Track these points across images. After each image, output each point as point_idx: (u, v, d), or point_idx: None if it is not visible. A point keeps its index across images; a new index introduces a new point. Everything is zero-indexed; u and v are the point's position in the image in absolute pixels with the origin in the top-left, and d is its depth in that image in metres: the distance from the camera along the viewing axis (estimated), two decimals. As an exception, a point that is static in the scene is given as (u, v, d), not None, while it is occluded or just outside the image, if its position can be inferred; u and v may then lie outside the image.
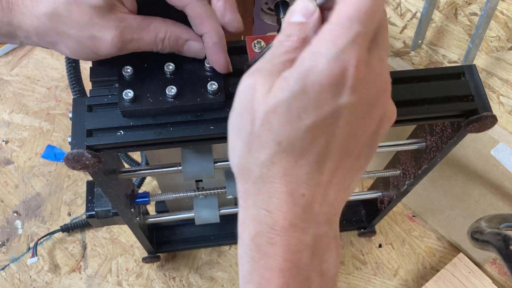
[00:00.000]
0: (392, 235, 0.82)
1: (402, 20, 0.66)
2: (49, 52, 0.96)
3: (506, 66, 0.58)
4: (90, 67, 0.42)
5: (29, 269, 0.77)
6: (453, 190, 0.72)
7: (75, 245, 0.79)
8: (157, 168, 0.52)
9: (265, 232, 0.29)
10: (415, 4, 0.62)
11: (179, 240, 0.76)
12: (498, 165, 0.62)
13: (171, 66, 0.41)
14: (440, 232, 0.81)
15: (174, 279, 0.78)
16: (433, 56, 0.66)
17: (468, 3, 0.56)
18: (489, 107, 0.43)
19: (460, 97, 0.44)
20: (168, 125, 0.40)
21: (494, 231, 0.48)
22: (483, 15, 0.53)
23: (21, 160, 0.85)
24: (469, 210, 0.72)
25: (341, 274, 0.78)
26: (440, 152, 0.51)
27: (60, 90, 0.92)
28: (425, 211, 0.81)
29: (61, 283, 0.76)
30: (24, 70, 0.94)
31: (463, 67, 0.45)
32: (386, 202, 0.68)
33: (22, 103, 0.90)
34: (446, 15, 0.60)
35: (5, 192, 0.83)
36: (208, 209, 0.64)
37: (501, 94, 0.60)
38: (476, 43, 0.56)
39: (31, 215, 0.81)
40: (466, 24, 0.58)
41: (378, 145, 0.32)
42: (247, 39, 0.42)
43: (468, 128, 0.44)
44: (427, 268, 0.79)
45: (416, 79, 0.44)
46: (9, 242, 0.79)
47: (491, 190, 0.66)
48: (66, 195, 0.83)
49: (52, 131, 0.88)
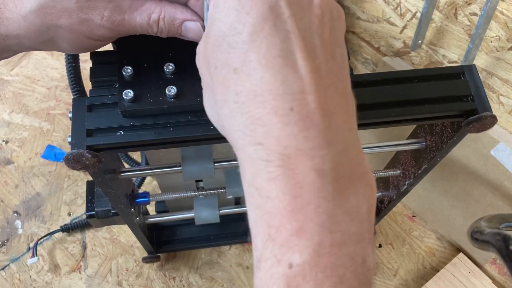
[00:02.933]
0: (392, 235, 0.82)
1: (402, 20, 0.66)
2: (49, 52, 0.96)
3: (506, 66, 0.58)
4: (90, 67, 0.42)
5: (29, 269, 0.77)
6: (453, 190, 0.72)
7: (75, 245, 0.79)
8: (157, 168, 0.52)
9: (262, 169, 0.25)
10: (415, 4, 0.62)
11: (179, 240, 0.76)
12: (498, 165, 0.62)
13: (171, 66, 0.41)
14: (440, 232, 0.81)
15: (174, 279, 0.78)
16: (433, 56, 0.66)
17: (468, 3, 0.56)
18: (489, 107, 0.43)
19: (460, 97, 0.44)
20: (168, 125, 0.40)
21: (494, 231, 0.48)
22: (483, 15, 0.53)
23: (21, 160, 0.85)
24: (469, 210, 0.72)
25: (341, 274, 0.78)
26: (440, 152, 0.51)
27: (60, 90, 0.92)
28: (425, 211, 0.81)
29: (61, 283, 0.76)
30: (24, 70, 0.94)
31: (463, 67, 0.45)
32: (386, 202, 0.68)
33: (22, 103, 0.90)
34: (446, 15, 0.60)
35: (5, 192, 0.83)
36: (208, 209, 0.64)
37: (501, 94, 0.60)
38: (476, 43, 0.56)
39: (31, 215, 0.81)
40: (466, 24, 0.58)
41: (344, 47, 0.30)
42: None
43: (468, 128, 0.44)
44: (427, 268, 0.79)
45: (416, 79, 0.44)
46: (9, 242, 0.79)
47: (491, 190, 0.66)
48: (66, 195, 0.83)
49: (52, 131, 0.88)
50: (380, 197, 0.70)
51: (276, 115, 0.25)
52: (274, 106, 0.25)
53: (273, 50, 0.25)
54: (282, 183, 0.25)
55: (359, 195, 0.26)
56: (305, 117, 0.25)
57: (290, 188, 0.25)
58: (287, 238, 0.24)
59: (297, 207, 0.25)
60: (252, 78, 0.26)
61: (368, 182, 0.27)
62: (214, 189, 0.59)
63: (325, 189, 0.25)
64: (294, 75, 0.25)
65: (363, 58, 0.77)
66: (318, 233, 0.24)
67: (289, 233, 0.24)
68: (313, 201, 0.25)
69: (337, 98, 0.27)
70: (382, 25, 0.69)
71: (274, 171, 0.25)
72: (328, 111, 0.26)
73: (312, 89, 0.25)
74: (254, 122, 0.26)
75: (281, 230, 0.25)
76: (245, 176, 0.27)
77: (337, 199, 0.25)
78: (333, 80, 0.27)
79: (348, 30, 0.75)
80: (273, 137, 0.25)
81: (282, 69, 0.25)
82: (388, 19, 0.67)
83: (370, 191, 0.27)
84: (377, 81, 0.44)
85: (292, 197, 0.25)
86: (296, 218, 0.24)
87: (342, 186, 0.26)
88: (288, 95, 0.25)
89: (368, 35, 0.73)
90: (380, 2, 0.66)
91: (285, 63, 0.25)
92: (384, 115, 0.43)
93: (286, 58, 0.25)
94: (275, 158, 0.25)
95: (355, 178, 0.26)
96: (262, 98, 0.25)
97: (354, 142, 0.27)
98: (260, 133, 0.25)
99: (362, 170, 0.27)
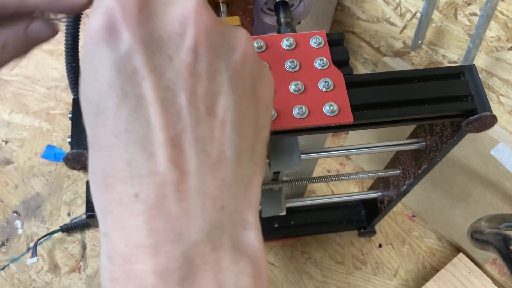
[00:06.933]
0: (392, 235, 0.82)
1: (402, 20, 0.66)
2: (49, 52, 0.96)
3: (506, 66, 0.58)
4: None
5: (29, 269, 0.77)
6: (453, 190, 0.72)
7: (75, 245, 0.79)
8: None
9: (106, 266, 0.22)
10: (415, 4, 0.62)
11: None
12: (498, 165, 0.62)
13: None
14: (440, 232, 0.81)
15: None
16: (433, 56, 0.65)
17: (468, 3, 0.56)
18: (488, 107, 0.43)
19: (460, 97, 0.44)
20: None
21: (494, 231, 0.48)
22: (483, 15, 0.53)
23: (21, 160, 0.85)
24: (469, 210, 0.72)
25: (341, 274, 0.78)
26: (440, 152, 0.51)
27: (60, 90, 0.92)
28: (425, 211, 0.81)
29: (61, 283, 0.76)
30: (24, 70, 0.94)
31: (463, 67, 0.45)
32: (386, 202, 0.68)
33: (22, 103, 0.90)
34: (446, 15, 0.60)
35: (5, 192, 0.83)
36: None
37: (501, 94, 0.60)
38: (476, 43, 0.56)
39: (31, 215, 0.81)
40: (466, 24, 0.58)
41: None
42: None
43: (468, 128, 0.44)
44: (427, 268, 0.79)
45: (416, 79, 0.44)
46: (9, 242, 0.79)
47: (491, 190, 0.66)
48: (66, 195, 0.83)
49: (52, 131, 0.88)
50: (380, 197, 0.70)
51: (121, 203, 0.21)
52: (120, 192, 0.21)
53: (120, 124, 0.21)
54: (122, 285, 0.21)
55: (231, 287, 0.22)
56: (153, 205, 0.20)
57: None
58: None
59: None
60: (102, 156, 0.21)
61: (249, 273, 0.22)
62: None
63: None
64: (142, 153, 0.20)
65: (363, 58, 0.77)
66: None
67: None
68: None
69: (206, 169, 0.21)
70: (382, 25, 0.69)
71: (115, 271, 0.21)
72: (189, 190, 0.21)
73: (164, 168, 0.20)
74: (104, 209, 0.22)
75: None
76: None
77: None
78: (204, 146, 0.21)
79: (348, 30, 0.75)
80: (117, 229, 0.21)
81: (129, 147, 0.21)
82: (388, 19, 0.67)
83: (249, 282, 0.22)
84: (377, 81, 0.44)
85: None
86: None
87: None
88: (134, 178, 0.21)
89: (368, 35, 0.73)
90: (380, 2, 0.66)
91: (133, 139, 0.21)
92: (384, 115, 0.43)
93: (135, 132, 0.21)
94: (117, 255, 0.21)
95: (229, 265, 0.22)
96: (110, 181, 0.21)
97: (231, 222, 0.22)
98: (109, 223, 0.21)
99: (239, 255, 0.22)
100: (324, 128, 0.42)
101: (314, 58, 0.43)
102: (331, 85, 0.42)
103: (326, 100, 0.41)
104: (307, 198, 0.69)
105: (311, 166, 0.66)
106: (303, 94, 0.41)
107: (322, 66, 0.43)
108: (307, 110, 0.41)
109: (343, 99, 0.41)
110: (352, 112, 0.41)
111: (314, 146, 0.58)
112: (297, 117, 0.40)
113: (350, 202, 0.78)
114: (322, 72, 0.42)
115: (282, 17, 0.53)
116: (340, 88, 0.42)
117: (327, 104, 0.41)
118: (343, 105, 0.41)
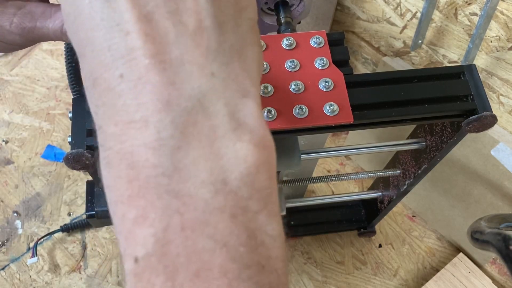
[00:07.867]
0: (392, 235, 0.82)
1: (402, 20, 0.66)
2: (49, 52, 0.96)
3: (506, 66, 0.58)
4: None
5: (29, 269, 0.77)
6: (453, 190, 0.72)
7: (75, 245, 0.79)
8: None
9: (101, 155, 0.22)
10: (415, 4, 0.62)
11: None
12: (498, 165, 0.62)
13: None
14: (440, 232, 0.81)
15: (174, 279, 0.78)
16: (433, 56, 0.66)
17: (468, 3, 0.56)
18: (489, 107, 0.43)
19: (460, 97, 0.44)
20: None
21: (494, 231, 0.48)
22: (483, 15, 0.53)
23: (21, 160, 0.85)
24: (469, 210, 0.72)
25: (341, 274, 0.78)
26: (440, 152, 0.51)
27: (60, 90, 0.92)
28: (425, 211, 0.81)
29: (61, 283, 0.76)
30: (24, 70, 0.94)
31: (463, 67, 0.45)
32: (386, 202, 0.68)
33: (22, 103, 0.90)
34: (446, 15, 0.60)
35: (5, 192, 0.83)
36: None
37: (501, 94, 0.60)
38: (476, 43, 0.56)
39: (31, 215, 0.81)
40: (466, 24, 0.58)
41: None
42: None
43: (468, 128, 0.44)
44: (427, 268, 0.79)
45: (416, 79, 0.44)
46: (9, 242, 0.79)
47: (491, 190, 0.66)
48: (66, 195, 0.83)
49: (52, 131, 0.88)
50: (380, 197, 0.70)
51: (110, 89, 0.21)
52: (107, 79, 0.21)
53: (95, 17, 0.21)
54: (115, 167, 0.21)
55: (229, 155, 0.21)
56: (138, 80, 0.21)
57: (123, 171, 0.21)
58: (129, 229, 0.21)
59: (134, 192, 0.21)
60: (87, 55, 0.22)
61: (250, 140, 0.21)
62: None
63: (162, 164, 0.20)
64: (119, 34, 0.21)
65: (363, 58, 0.77)
66: (161, 218, 0.20)
67: (130, 223, 0.21)
68: (151, 181, 0.20)
69: (186, 38, 0.21)
70: (382, 25, 0.69)
71: (108, 156, 0.21)
72: (173, 61, 0.21)
73: (142, 41, 0.21)
74: (97, 105, 0.22)
75: (124, 221, 0.21)
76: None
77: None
78: (180, 18, 0.22)
79: (348, 30, 0.75)
80: (108, 116, 0.21)
81: (107, 34, 0.21)
82: (388, 19, 0.67)
83: (250, 149, 0.21)
84: (377, 81, 0.44)
85: (127, 181, 0.21)
86: (136, 205, 0.20)
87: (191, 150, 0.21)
88: (117, 60, 0.21)
89: (368, 35, 0.73)
90: (380, 2, 0.66)
91: (109, 26, 0.21)
92: (384, 115, 0.43)
93: (110, 19, 0.21)
94: (108, 138, 0.21)
95: (224, 132, 0.21)
96: (97, 73, 0.21)
97: (225, 89, 0.22)
98: (101, 115, 0.22)
99: (237, 123, 0.21)
100: (324, 128, 0.42)
101: (314, 58, 0.43)
102: (331, 85, 0.42)
103: (326, 100, 0.41)
104: (307, 198, 0.69)
105: (311, 166, 0.66)
106: (303, 94, 0.41)
107: (322, 66, 0.43)
108: (307, 110, 0.41)
109: (343, 99, 0.41)
110: (352, 112, 0.41)
111: (314, 146, 0.58)
112: (297, 117, 0.41)
113: (350, 202, 0.78)
114: (322, 72, 0.42)
115: (282, 17, 0.53)
116: (340, 88, 0.42)
117: (327, 104, 0.41)
118: (343, 105, 0.41)
